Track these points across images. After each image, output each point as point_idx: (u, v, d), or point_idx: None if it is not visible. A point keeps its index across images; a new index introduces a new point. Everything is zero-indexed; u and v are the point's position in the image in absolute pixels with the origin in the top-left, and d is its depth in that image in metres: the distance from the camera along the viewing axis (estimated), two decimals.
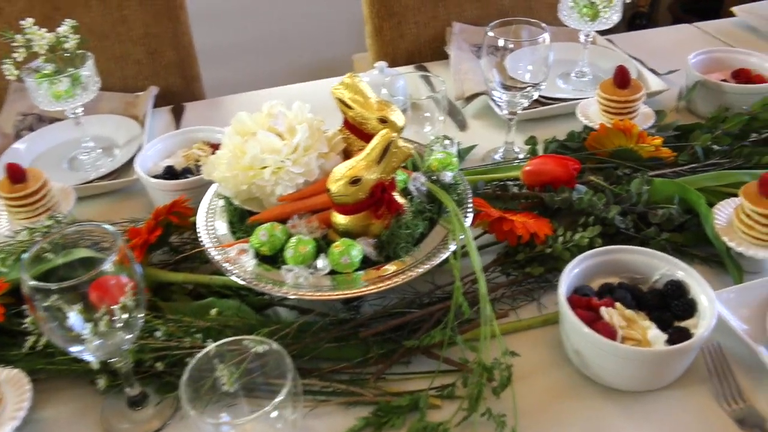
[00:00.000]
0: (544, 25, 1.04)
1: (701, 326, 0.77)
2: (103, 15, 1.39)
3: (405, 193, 0.88)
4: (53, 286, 0.64)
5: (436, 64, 1.49)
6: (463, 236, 0.82)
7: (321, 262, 0.79)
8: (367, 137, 0.91)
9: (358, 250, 0.79)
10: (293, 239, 0.81)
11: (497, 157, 1.16)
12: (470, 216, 0.86)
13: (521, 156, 1.14)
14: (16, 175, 1.01)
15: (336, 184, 0.79)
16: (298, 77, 1.51)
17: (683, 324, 0.79)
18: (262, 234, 0.81)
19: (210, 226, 0.88)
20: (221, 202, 0.92)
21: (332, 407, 0.78)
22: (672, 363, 0.75)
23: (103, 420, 0.79)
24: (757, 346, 0.77)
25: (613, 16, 1.23)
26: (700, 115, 1.23)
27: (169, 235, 0.94)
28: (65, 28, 1.09)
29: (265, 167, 0.86)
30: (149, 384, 0.80)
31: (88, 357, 0.71)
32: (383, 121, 0.89)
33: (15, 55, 1.06)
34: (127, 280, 0.68)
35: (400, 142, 0.81)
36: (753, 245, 0.88)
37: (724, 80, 1.23)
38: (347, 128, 0.94)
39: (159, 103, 1.36)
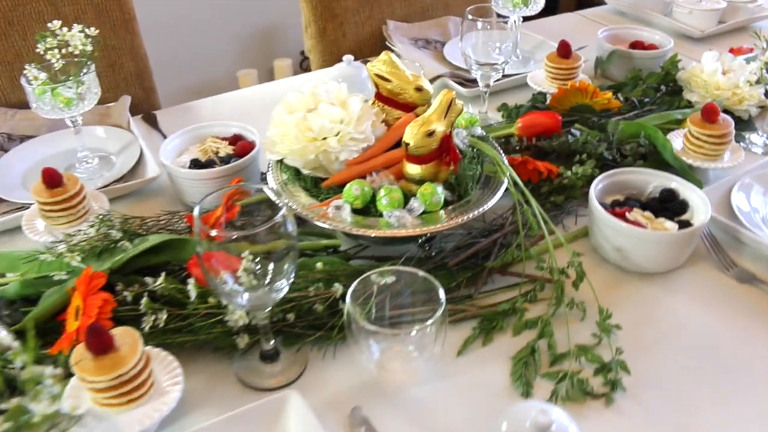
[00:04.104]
0: (507, 11, 1.25)
1: (698, 216, 1.00)
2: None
3: None
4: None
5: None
6: (509, 173, 0.99)
7: (416, 203, 0.91)
8: (402, 107, 1.05)
9: (441, 189, 0.93)
10: (383, 189, 0.92)
11: None
12: (505, 160, 1.03)
13: (494, 122, 1.33)
14: (54, 179, 1.02)
15: (414, 138, 0.92)
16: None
17: (682, 218, 1.02)
18: (355, 189, 0.92)
19: (291, 194, 0.97)
20: (284, 176, 1.01)
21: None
22: (689, 242, 0.97)
23: (238, 376, 0.84)
24: (735, 225, 1.02)
25: (538, 3, 1.47)
26: (613, 79, 1.50)
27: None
28: (77, 33, 1.08)
29: (327, 137, 0.97)
30: (275, 339, 0.86)
31: (241, 305, 0.78)
32: (419, 89, 1.04)
33: (50, 58, 1.05)
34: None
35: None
36: (704, 160, 1.14)
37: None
38: (380, 101, 1.07)
39: None
